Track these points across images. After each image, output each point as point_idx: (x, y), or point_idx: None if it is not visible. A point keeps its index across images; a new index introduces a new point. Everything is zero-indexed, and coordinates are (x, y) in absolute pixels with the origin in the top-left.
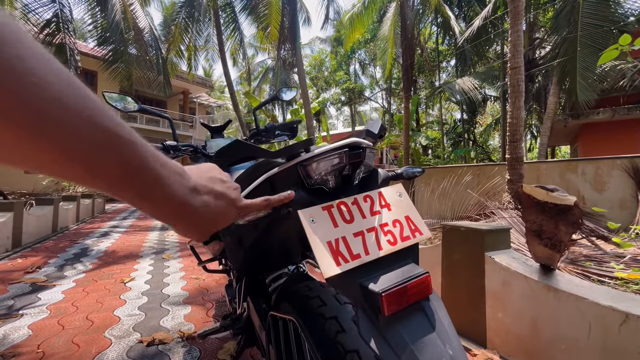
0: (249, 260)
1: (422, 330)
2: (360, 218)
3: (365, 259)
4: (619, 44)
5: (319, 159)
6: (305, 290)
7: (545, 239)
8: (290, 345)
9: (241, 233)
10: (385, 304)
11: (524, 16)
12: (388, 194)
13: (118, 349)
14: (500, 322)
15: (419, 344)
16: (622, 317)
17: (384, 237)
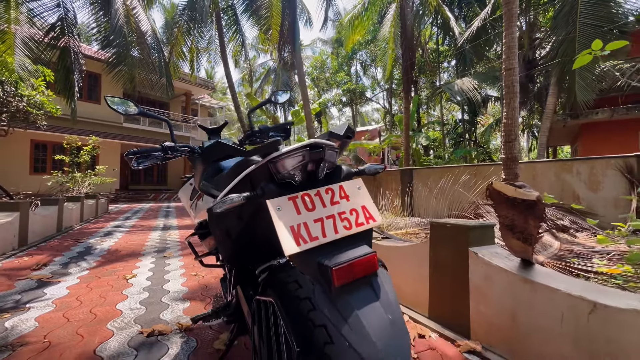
0: (237, 251)
1: (367, 300)
2: (321, 207)
3: (322, 240)
4: (591, 49)
5: (285, 156)
6: (285, 276)
7: (518, 233)
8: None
9: (228, 225)
10: (335, 277)
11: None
12: (348, 187)
13: (119, 339)
14: (483, 314)
15: (364, 310)
16: (591, 306)
17: (341, 223)
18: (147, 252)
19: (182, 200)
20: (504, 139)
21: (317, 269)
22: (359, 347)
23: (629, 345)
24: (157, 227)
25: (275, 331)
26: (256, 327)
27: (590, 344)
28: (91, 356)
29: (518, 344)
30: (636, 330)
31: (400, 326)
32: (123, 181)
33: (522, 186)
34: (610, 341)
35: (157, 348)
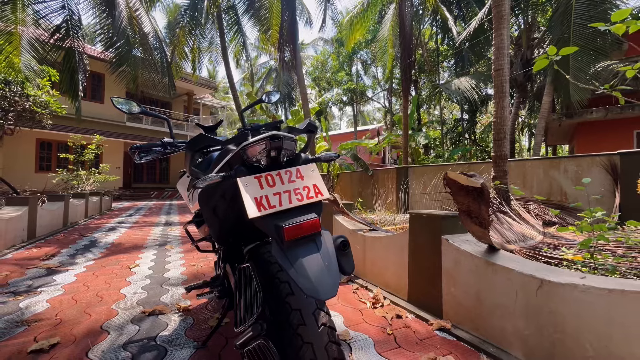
0: (224, 230)
1: (310, 251)
2: (280, 184)
3: (278, 208)
4: (547, 54)
5: (252, 144)
6: (263, 249)
7: (474, 218)
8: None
9: (214, 204)
10: (286, 234)
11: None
12: (304, 170)
13: (123, 317)
14: (453, 295)
15: (307, 258)
16: (538, 283)
17: (295, 196)
18: (149, 245)
19: (180, 191)
20: (494, 137)
21: (273, 229)
22: (300, 283)
23: (566, 315)
24: (159, 223)
25: (250, 289)
26: (238, 291)
27: (537, 317)
28: (98, 330)
29: (482, 321)
30: (572, 302)
31: (333, 270)
32: (126, 179)
33: (472, 175)
34: (552, 312)
35: (157, 324)
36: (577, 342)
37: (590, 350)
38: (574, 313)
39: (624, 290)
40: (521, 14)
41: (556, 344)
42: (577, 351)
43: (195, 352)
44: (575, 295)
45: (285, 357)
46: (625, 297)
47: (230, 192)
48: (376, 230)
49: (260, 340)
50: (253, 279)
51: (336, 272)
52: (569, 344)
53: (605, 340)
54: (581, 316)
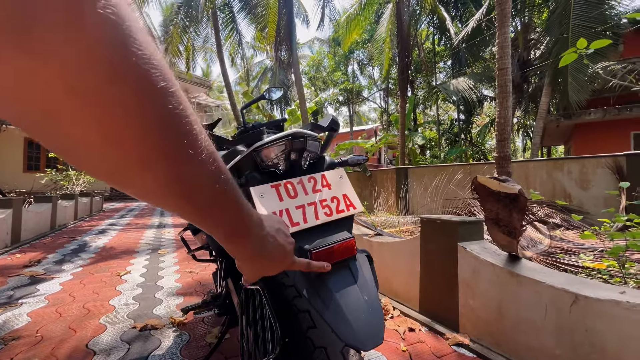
0: None
1: (345, 282)
2: (303, 194)
3: (303, 226)
4: (576, 47)
5: (268, 145)
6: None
7: (503, 227)
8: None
9: None
10: (314, 259)
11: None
12: (330, 176)
13: (112, 333)
14: (471, 307)
15: (341, 292)
16: (572, 297)
17: (322, 210)
18: (141, 250)
19: None
20: (497, 137)
21: (297, 253)
22: (336, 328)
23: (606, 334)
24: (151, 225)
25: (261, 317)
26: (244, 315)
27: (571, 334)
28: (83, 350)
29: (504, 336)
30: (613, 320)
31: (376, 307)
32: None
33: (505, 180)
34: (589, 331)
35: (150, 342)
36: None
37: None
38: (616, 333)
39: None
40: (518, 15)
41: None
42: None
43: None
44: (617, 312)
45: None
46: None
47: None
48: (381, 235)
49: None
50: (265, 306)
51: (379, 309)
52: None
53: None
54: (625, 337)
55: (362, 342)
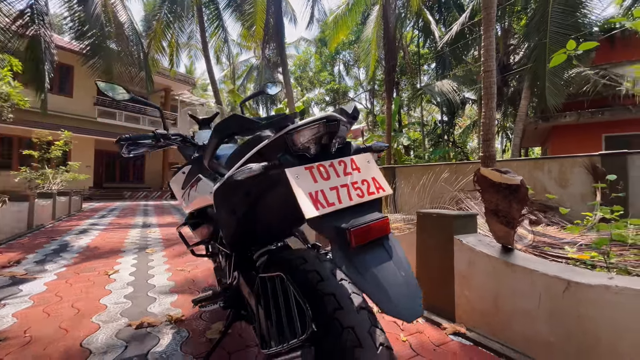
0: (239, 233)
1: (381, 259)
2: (335, 177)
3: (338, 206)
4: (566, 49)
5: (302, 128)
6: (288, 254)
7: (502, 217)
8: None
9: (236, 201)
10: (353, 238)
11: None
12: (359, 160)
13: (107, 332)
14: (467, 298)
15: (379, 268)
16: (565, 284)
17: (354, 191)
18: (127, 249)
19: (174, 189)
20: (482, 137)
21: (334, 232)
22: (379, 301)
23: (599, 319)
24: (136, 225)
25: (285, 304)
26: (262, 307)
27: (564, 320)
28: (78, 349)
29: (500, 325)
30: (604, 304)
31: (413, 283)
32: (97, 179)
33: (506, 172)
34: (581, 316)
35: (148, 339)
36: (612, 349)
37: (627, 357)
38: (608, 317)
39: None
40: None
41: (585, 351)
42: (611, 358)
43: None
44: (608, 297)
45: None
46: None
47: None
48: None
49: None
50: (289, 291)
51: (416, 285)
52: (601, 349)
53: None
54: (617, 320)
55: (404, 314)
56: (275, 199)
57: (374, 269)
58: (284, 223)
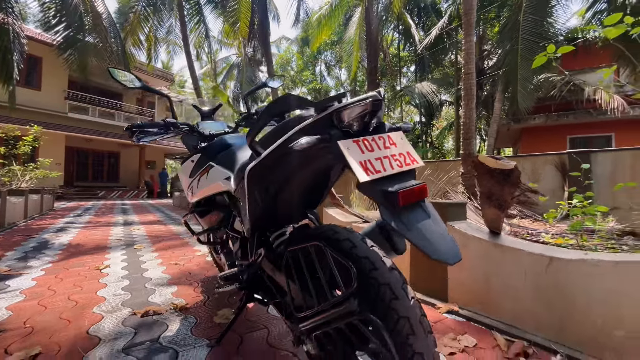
0: (266, 212)
1: (422, 217)
2: (378, 149)
3: (384, 173)
4: (547, 52)
5: (353, 105)
6: (315, 229)
7: (494, 200)
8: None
9: (270, 181)
10: (400, 198)
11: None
12: (394, 136)
13: (112, 320)
14: (458, 279)
15: (422, 224)
16: (548, 260)
17: (394, 162)
18: (114, 246)
19: (181, 178)
20: (463, 136)
21: (383, 194)
22: (423, 247)
23: (576, 289)
24: (117, 223)
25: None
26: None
27: (547, 292)
28: (86, 336)
29: (490, 301)
30: (580, 276)
31: (449, 237)
32: (68, 177)
33: (500, 158)
34: (562, 287)
35: (156, 326)
36: (586, 314)
37: (600, 319)
38: (584, 287)
39: (629, 260)
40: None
41: (565, 318)
42: (586, 322)
43: (211, 351)
44: (584, 269)
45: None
46: (630, 268)
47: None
48: (368, 222)
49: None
50: (327, 256)
51: (452, 239)
52: (578, 316)
53: (613, 308)
54: (590, 289)
55: (448, 258)
56: (302, 180)
57: (418, 224)
58: (301, 205)
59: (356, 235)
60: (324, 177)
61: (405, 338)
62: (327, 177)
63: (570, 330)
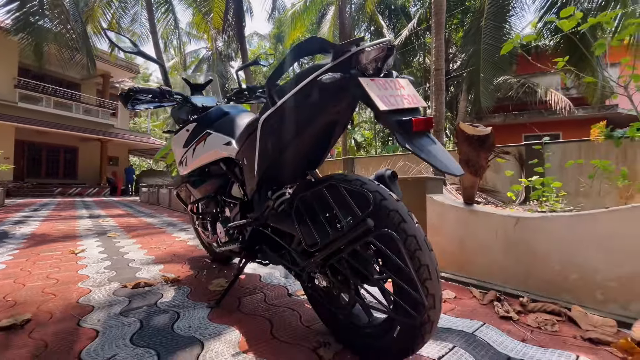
0: (274, 166)
1: (431, 142)
2: (391, 89)
3: (399, 106)
4: (513, 40)
5: (372, 48)
6: (324, 177)
7: (471, 167)
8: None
9: (283, 129)
10: (414, 125)
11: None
12: (402, 81)
13: (102, 292)
14: (437, 244)
15: (431, 147)
16: (515, 220)
17: (405, 100)
18: (85, 235)
19: (175, 149)
20: (433, 129)
21: (397, 123)
22: (434, 162)
23: (538, 242)
24: (82, 216)
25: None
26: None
27: (514, 248)
28: (77, 305)
29: (465, 262)
30: (542, 231)
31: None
32: (18, 172)
33: (477, 126)
34: (527, 242)
35: (150, 295)
36: (546, 262)
37: (557, 265)
38: (544, 239)
39: (580, 214)
40: None
41: (530, 267)
42: (547, 269)
43: (212, 311)
44: (545, 225)
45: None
46: (581, 220)
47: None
48: None
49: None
50: (342, 191)
51: (455, 160)
52: (540, 265)
53: (568, 255)
54: (550, 240)
55: (453, 170)
56: (312, 130)
57: (429, 147)
58: (304, 164)
59: (364, 177)
60: (328, 133)
61: (414, 252)
62: (330, 134)
63: (534, 277)
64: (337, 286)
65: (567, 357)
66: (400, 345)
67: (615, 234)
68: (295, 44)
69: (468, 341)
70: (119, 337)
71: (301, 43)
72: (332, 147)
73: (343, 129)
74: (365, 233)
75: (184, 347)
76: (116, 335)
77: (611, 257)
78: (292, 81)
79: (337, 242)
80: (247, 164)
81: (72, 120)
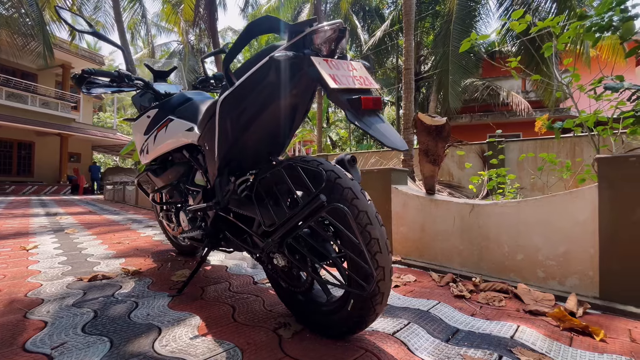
0: (236, 149)
1: (379, 120)
2: (343, 69)
3: (349, 86)
4: (471, 38)
5: (324, 29)
6: (285, 158)
7: (430, 156)
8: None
9: (242, 110)
10: (363, 103)
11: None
12: (354, 64)
13: (54, 286)
14: (401, 233)
15: (379, 124)
16: (471, 207)
17: (356, 81)
18: (39, 232)
19: (135, 136)
20: (403, 126)
21: (347, 102)
22: (381, 138)
23: (490, 226)
24: (37, 214)
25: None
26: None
27: (470, 232)
28: (25, 299)
29: (426, 248)
30: (494, 216)
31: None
32: None
33: (435, 116)
34: (480, 226)
35: (107, 287)
36: (497, 245)
37: (506, 247)
38: (495, 223)
39: (526, 200)
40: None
41: (483, 250)
42: (497, 251)
43: (173, 299)
44: (496, 210)
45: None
46: (527, 204)
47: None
48: None
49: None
50: (299, 171)
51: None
52: (492, 247)
53: (515, 237)
54: (500, 224)
55: (400, 146)
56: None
57: (377, 125)
58: (267, 150)
59: (322, 159)
60: (290, 118)
61: (364, 227)
62: (293, 119)
63: (486, 259)
64: (295, 265)
65: (509, 327)
66: (354, 318)
67: (553, 217)
68: (249, 22)
69: (422, 317)
70: (69, 327)
71: (255, 21)
72: (294, 131)
73: (304, 115)
74: (318, 208)
75: (139, 334)
76: (66, 325)
77: (550, 238)
78: (250, 62)
79: (293, 219)
80: (208, 148)
81: (28, 113)
